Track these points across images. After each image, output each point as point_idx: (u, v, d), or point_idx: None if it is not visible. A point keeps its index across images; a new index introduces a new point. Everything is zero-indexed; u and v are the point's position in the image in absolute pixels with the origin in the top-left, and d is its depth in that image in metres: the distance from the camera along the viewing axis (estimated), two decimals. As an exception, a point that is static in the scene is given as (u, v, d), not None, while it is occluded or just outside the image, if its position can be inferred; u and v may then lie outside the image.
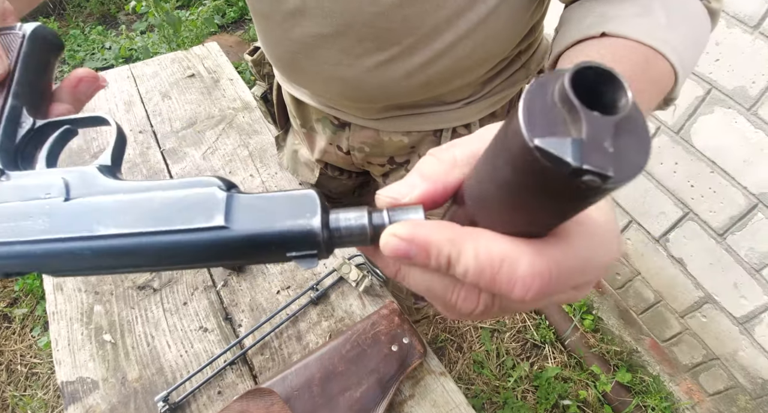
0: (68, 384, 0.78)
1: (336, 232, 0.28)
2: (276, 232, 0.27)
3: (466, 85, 0.69)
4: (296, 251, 0.27)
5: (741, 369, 1.48)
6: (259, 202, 0.28)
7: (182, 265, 0.29)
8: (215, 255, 0.28)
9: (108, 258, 0.28)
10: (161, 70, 1.44)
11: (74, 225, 0.28)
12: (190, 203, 0.28)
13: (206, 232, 0.27)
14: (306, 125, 0.89)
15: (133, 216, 0.28)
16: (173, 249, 0.27)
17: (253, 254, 0.28)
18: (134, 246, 0.27)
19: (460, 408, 0.76)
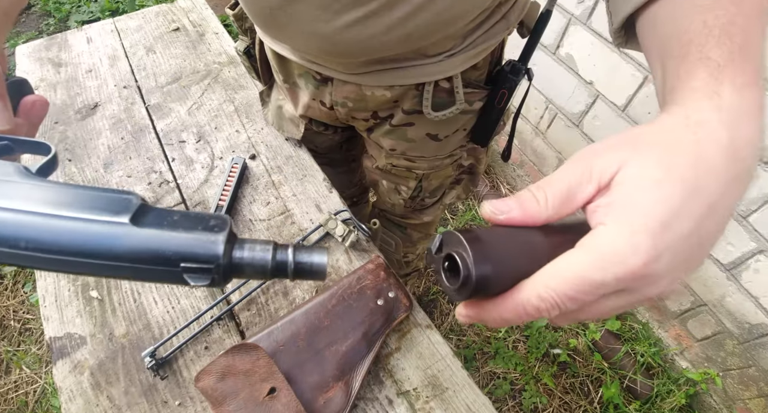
0: (56, 339, 0.79)
1: (239, 258, 0.29)
2: (178, 239, 0.26)
3: (447, 38, 0.67)
4: (193, 263, 0.26)
5: (728, 315, 1.51)
6: (171, 214, 0.28)
7: (75, 262, 0.26)
8: (113, 254, 0.26)
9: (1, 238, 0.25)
10: (145, 24, 1.40)
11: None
12: (102, 201, 0.27)
13: (109, 225, 0.26)
14: (288, 81, 0.86)
15: (42, 199, 0.26)
16: (69, 238, 0.25)
17: (149, 269, 0.26)
18: (27, 225, 0.25)
19: (446, 359, 0.77)
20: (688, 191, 0.30)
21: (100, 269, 0.26)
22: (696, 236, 0.31)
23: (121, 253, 0.26)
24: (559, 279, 0.30)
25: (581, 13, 1.56)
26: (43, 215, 0.26)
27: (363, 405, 0.73)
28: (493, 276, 0.31)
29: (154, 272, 0.27)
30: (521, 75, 0.76)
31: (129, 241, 0.26)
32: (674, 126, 0.33)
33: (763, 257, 1.32)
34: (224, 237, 0.27)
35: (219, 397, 0.68)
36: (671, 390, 1.74)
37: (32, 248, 0.25)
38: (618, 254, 0.29)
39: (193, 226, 0.27)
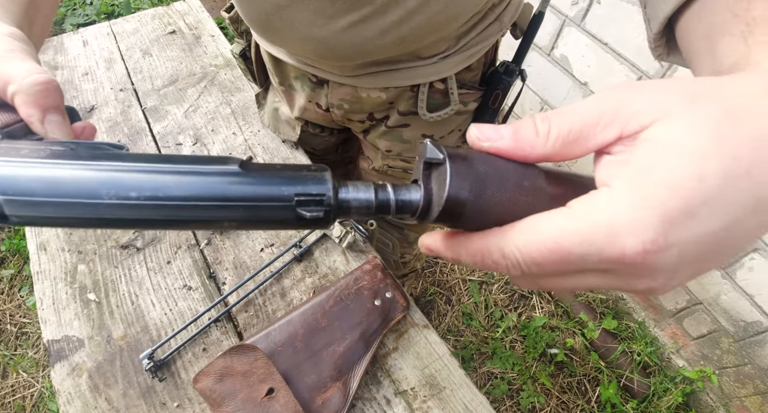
0: (54, 342, 0.79)
1: (344, 196, 0.29)
2: (289, 177, 0.28)
3: (441, 40, 0.68)
4: (306, 196, 0.27)
5: (723, 313, 1.52)
6: (274, 165, 0.29)
7: (189, 210, 0.26)
8: (229, 194, 0.26)
9: (107, 187, 0.26)
10: (142, 27, 1.40)
11: (75, 157, 0.27)
12: (206, 159, 0.28)
13: (221, 173, 0.27)
14: (284, 83, 0.87)
15: (142, 159, 0.27)
16: (180, 182, 0.26)
17: (264, 205, 0.27)
18: (138, 178, 0.26)
19: (444, 359, 0.77)
20: (736, 176, 0.23)
21: (213, 213, 0.27)
22: (724, 237, 0.24)
23: (236, 194, 0.26)
24: (531, 241, 0.25)
25: (575, 14, 1.57)
26: (150, 169, 0.26)
27: (361, 404, 0.73)
28: (469, 203, 0.27)
29: (270, 209, 0.27)
30: (515, 76, 0.77)
31: (243, 182, 0.27)
32: (746, 90, 0.25)
33: (757, 256, 1.33)
34: (330, 175, 0.28)
35: (217, 398, 0.68)
36: (668, 388, 1.74)
37: (144, 197, 0.25)
38: (614, 228, 0.23)
39: (299, 169, 0.28)
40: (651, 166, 0.23)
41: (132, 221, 0.26)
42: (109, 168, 0.26)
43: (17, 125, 0.37)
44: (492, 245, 0.27)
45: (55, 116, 0.38)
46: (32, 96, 0.36)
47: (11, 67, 0.37)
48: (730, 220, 0.23)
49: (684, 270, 0.25)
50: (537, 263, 0.25)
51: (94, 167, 0.26)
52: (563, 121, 0.27)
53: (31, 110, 0.36)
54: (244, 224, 0.28)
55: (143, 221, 0.26)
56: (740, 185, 0.23)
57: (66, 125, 0.39)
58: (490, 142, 0.28)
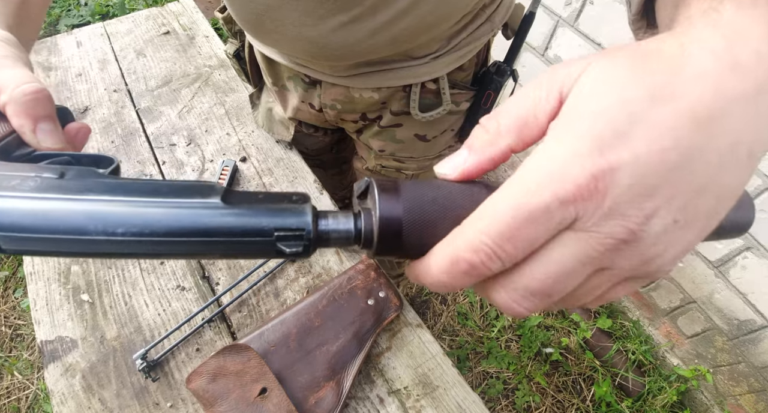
0: (47, 343, 0.79)
1: (324, 226, 0.30)
2: (270, 211, 0.28)
3: (432, 40, 0.68)
4: (286, 232, 0.28)
5: (717, 311, 1.52)
6: (256, 194, 0.30)
7: (171, 242, 0.27)
8: (209, 230, 0.27)
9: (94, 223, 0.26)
10: (135, 28, 1.40)
11: (63, 190, 0.28)
12: (187, 188, 0.29)
13: (202, 206, 0.27)
14: (278, 84, 0.87)
15: (127, 190, 0.28)
16: (164, 219, 0.27)
17: (245, 241, 0.28)
18: (123, 213, 0.27)
19: (437, 358, 0.78)
20: (660, 96, 0.23)
21: (195, 248, 0.27)
22: (683, 162, 0.23)
23: (217, 229, 0.27)
24: (488, 219, 0.24)
25: (569, 15, 1.58)
26: (135, 202, 0.27)
27: (354, 404, 0.73)
28: (405, 220, 0.28)
29: (250, 245, 0.28)
30: (506, 76, 0.77)
31: (224, 217, 0.27)
32: (657, 39, 0.26)
33: (750, 254, 1.34)
34: (310, 207, 0.29)
35: (210, 398, 0.68)
36: (663, 387, 1.75)
37: (130, 234, 0.26)
38: (557, 169, 0.23)
39: (279, 201, 0.29)
40: (577, 111, 0.24)
41: (119, 255, 0.28)
42: (96, 202, 0.27)
43: (10, 137, 0.37)
44: (458, 246, 0.26)
45: (46, 125, 0.38)
46: (22, 106, 0.36)
47: (2, 76, 0.37)
48: (673, 139, 0.22)
49: (653, 199, 0.23)
50: (508, 237, 0.24)
51: (81, 201, 0.27)
52: (507, 109, 0.28)
53: (22, 120, 0.37)
54: (227, 257, 0.29)
55: (130, 254, 0.27)
56: (669, 104, 0.23)
57: (57, 133, 0.39)
58: (455, 168, 0.29)
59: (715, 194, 0.24)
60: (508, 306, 0.27)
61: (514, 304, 0.26)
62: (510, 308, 0.27)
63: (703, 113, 0.23)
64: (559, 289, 0.25)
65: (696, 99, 0.23)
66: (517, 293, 0.26)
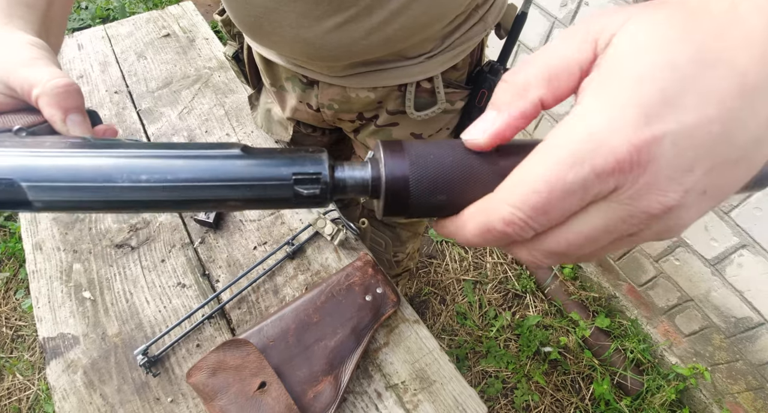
0: (50, 340, 0.80)
1: (340, 174, 0.31)
2: (288, 158, 0.30)
3: (426, 40, 0.69)
4: (303, 175, 0.29)
5: (714, 309, 1.53)
6: (274, 149, 0.31)
7: (194, 191, 0.29)
8: (231, 175, 0.29)
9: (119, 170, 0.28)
10: (136, 30, 1.41)
11: (91, 146, 0.29)
12: (209, 145, 0.30)
13: (224, 156, 0.29)
14: (276, 84, 0.88)
15: (152, 146, 0.30)
16: (186, 165, 0.28)
17: (265, 184, 0.29)
18: (148, 162, 0.28)
19: (434, 353, 0.79)
20: (708, 60, 0.21)
21: (217, 193, 0.29)
22: (723, 131, 0.21)
23: (239, 174, 0.29)
24: (523, 193, 0.23)
25: (564, 16, 1.59)
26: (160, 154, 0.29)
27: (352, 398, 0.75)
28: (412, 178, 0.28)
29: (270, 188, 0.29)
30: (500, 75, 0.78)
31: (245, 163, 0.29)
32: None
33: (746, 252, 1.35)
34: (326, 156, 0.30)
35: (210, 392, 0.69)
36: (661, 385, 1.76)
37: (154, 180, 0.28)
38: (594, 137, 0.22)
39: (297, 151, 0.30)
40: (617, 70, 0.23)
41: (144, 203, 0.28)
42: (122, 155, 0.28)
43: (42, 125, 0.39)
44: (491, 216, 0.25)
45: (76, 116, 0.40)
46: (54, 97, 0.38)
47: (36, 72, 0.39)
48: (719, 109, 0.21)
49: (696, 169, 0.22)
50: (542, 211, 0.23)
51: (108, 154, 0.28)
52: (534, 59, 0.26)
53: (53, 111, 0.39)
54: (248, 204, 0.30)
55: (154, 202, 0.28)
56: (717, 70, 0.21)
57: (86, 125, 0.41)
58: (484, 131, 0.27)
59: (747, 167, 0.23)
60: (529, 261, 0.28)
61: (535, 260, 0.27)
62: (531, 263, 0.28)
63: (750, 81, 0.21)
64: (581, 252, 0.26)
65: (744, 66, 0.21)
66: (540, 253, 0.27)
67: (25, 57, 0.40)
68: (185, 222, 0.94)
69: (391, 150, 0.29)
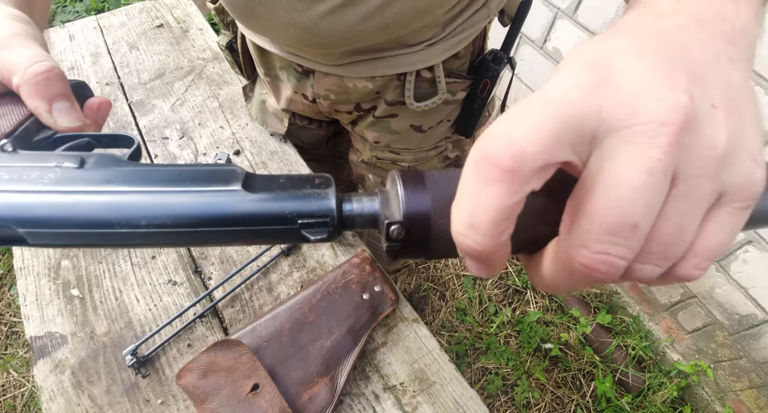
0: (37, 338, 0.77)
1: (349, 210, 0.29)
2: (292, 198, 0.27)
3: (426, 26, 0.66)
4: (310, 219, 0.27)
5: (718, 306, 1.51)
6: (278, 178, 0.29)
7: (195, 232, 0.27)
8: (232, 219, 0.27)
9: (117, 216, 0.26)
10: (129, 21, 1.38)
11: (84, 182, 0.27)
12: (208, 174, 0.28)
13: (224, 194, 0.27)
14: (270, 74, 0.85)
15: (148, 179, 0.28)
16: (187, 210, 0.27)
17: (269, 229, 0.27)
18: (145, 204, 0.27)
19: (433, 353, 0.76)
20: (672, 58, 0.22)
21: (218, 237, 0.27)
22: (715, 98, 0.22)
23: (239, 217, 0.27)
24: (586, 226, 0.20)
25: (567, 6, 1.56)
26: (156, 192, 0.27)
27: (349, 400, 0.72)
28: (434, 214, 0.26)
29: (274, 232, 0.27)
30: (503, 64, 0.75)
31: (246, 205, 0.27)
32: (636, 17, 0.26)
33: (751, 248, 1.33)
34: (333, 192, 0.28)
35: (201, 394, 0.67)
36: (663, 382, 1.74)
37: (153, 225, 0.26)
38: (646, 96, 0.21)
39: (302, 186, 0.28)
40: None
41: (143, 244, 0.28)
42: (117, 194, 0.27)
43: (29, 121, 0.37)
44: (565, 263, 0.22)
45: (61, 104, 0.37)
46: (35, 87, 0.36)
47: (14, 55, 0.36)
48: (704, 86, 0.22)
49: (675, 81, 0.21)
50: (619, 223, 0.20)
51: (103, 193, 0.27)
52: None
53: (36, 102, 0.36)
54: (251, 243, 0.29)
55: (154, 244, 0.28)
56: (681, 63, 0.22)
57: (74, 111, 0.38)
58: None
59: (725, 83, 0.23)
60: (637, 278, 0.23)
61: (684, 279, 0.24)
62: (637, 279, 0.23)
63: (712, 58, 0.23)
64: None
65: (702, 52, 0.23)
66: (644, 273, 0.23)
67: (3, 35, 0.37)
68: (177, 217, 0.91)
69: (411, 181, 0.27)
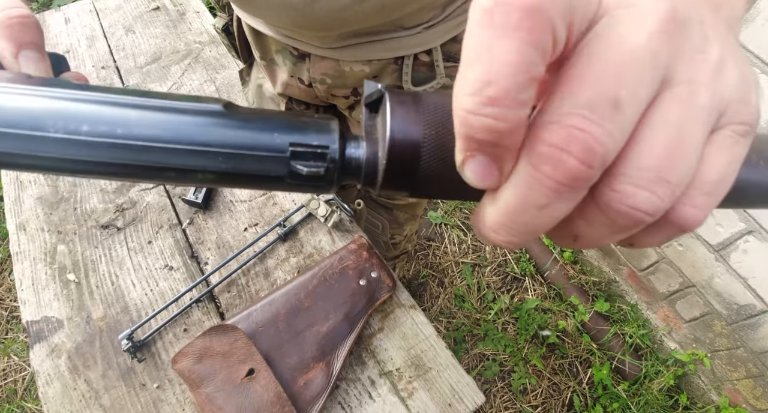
0: (33, 323, 0.77)
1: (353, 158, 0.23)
2: (282, 120, 0.22)
3: (424, 7, 0.64)
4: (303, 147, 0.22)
5: (716, 296, 1.51)
6: (267, 109, 0.23)
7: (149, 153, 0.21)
8: (206, 143, 0.21)
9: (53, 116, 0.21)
10: (125, 4, 1.36)
11: (32, 82, 0.22)
12: (186, 97, 0.23)
13: (196, 113, 0.21)
14: (266, 58, 0.84)
15: (104, 90, 0.22)
16: (142, 121, 0.21)
17: (250, 154, 0.21)
18: (92, 109, 0.21)
19: (430, 339, 0.76)
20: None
21: (180, 160, 0.21)
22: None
23: (216, 137, 0.21)
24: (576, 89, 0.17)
25: (571, -9, 1.54)
26: (110, 101, 0.21)
27: (345, 385, 0.72)
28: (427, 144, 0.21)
29: (257, 160, 0.21)
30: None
31: (226, 124, 0.21)
32: None
33: (752, 238, 1.32)
34: (337, 124, 0.22)
35: (196, 379, 0.67)
36: (660, 370, 1.74)
37: (97, 134, 0.20)
38: None
39: (298, 115, 0.23)
40: None
41: (82, 164, 0.21)
42: (62, 96, 0.21)
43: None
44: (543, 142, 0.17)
45: (31, 53, 0.33)
46: (7, 29, 0.32)
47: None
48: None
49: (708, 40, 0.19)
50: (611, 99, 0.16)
51: (43, 93, 0.21)
52: None
53: (3, 44, 0.32)
54: (224, 178, 0.22)
55: (95, 163, 0.21)
56: None
57: (44, 64, 0.34)
58: None
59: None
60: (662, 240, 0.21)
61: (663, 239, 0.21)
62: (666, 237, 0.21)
63: None
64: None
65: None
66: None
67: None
68: (173, 202, 0.90)
69: (400, 102, 0.21)
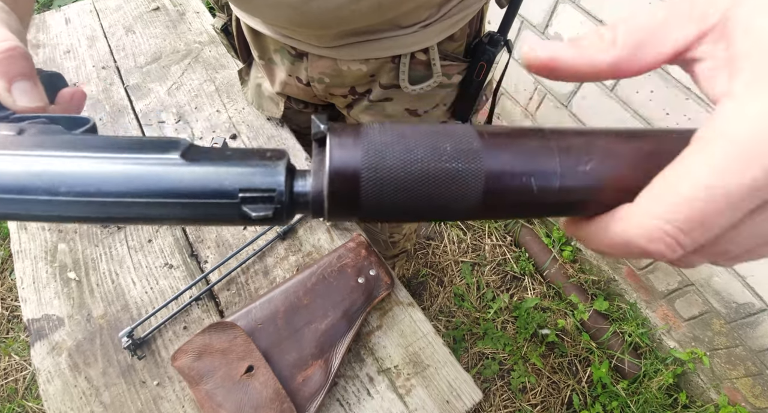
0: (34, 321, 0.78)
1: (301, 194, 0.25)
2: (234, 169, 0.24)
3: (421, 6, 0.65)
4: (253, 193, 0.24)
5: (715, 294, 1.51)
6: (224, 150, 0.25)
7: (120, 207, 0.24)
8: (161, 189, 0.23)
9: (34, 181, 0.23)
10: (125, 4, 1.37)
11: (13, 146, 0.24)
12: (149, 143, 0.25)
13: (157, 162, 0.24)
14: (264, 57, 0.84)
15: (81, 146, 0.24)
16: (111, 177, 0.23)
17: (205, 202, 0.24)
18: (68, 171, 0.23)
19: (428, 337, 0.77)
20: None
21: (147, 211, 0.24)
22: None
23: (171, 188, 0.23)
24: (675, 203, 0.20)
25: (569, -9, 1.54)
26: (85, 159, 0.24)
27: (343, 382, 0.73)
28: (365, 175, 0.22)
29: (211, 207, 0.24)
30: (500, 46, 0.74)
31: (179, 174, 0.23)
32: None
33: (749, 236, 1.32)
34: (284, 165, 0.24)
35: (196, 376, 0.67)
36: (659, 369, 1.75)
37: (74, 193, 0.23)
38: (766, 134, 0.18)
39: (249, 158, 0.24)
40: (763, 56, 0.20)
41: (67, 218, 0.24)
42: (42, 158, 0.24)
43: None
44: (630, 230, 0.21)
45: (22, 84, 0.35)
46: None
47: None
48: None
49: None
50: (700, 223, 0.20)
51: (26, 157, 0.24)
52: (631, 23, 0.24)
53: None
54: (186, 222, 0.25)
55: (78, 218, 0.24)
56: None
57: (37, 93, 0.36)
58: (545, 48, 0.24)
59: None
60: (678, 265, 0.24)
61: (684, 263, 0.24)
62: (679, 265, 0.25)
63: None
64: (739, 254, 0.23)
65: None
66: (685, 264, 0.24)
67: None
68: (174, 201, 0.91)
69: (340, 134, 0.23)
